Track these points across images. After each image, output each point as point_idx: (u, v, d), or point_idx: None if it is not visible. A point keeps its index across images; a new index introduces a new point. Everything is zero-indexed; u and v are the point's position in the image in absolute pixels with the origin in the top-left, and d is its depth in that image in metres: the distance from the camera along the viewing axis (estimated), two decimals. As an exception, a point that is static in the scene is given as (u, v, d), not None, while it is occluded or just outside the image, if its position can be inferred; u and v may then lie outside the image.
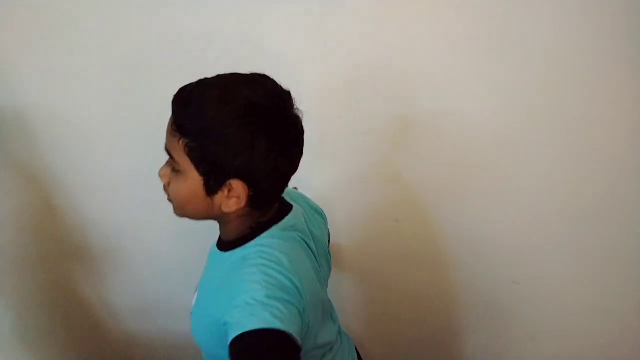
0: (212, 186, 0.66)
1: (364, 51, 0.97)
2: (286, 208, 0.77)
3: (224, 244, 0.74)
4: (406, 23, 0.95)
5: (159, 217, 1.11)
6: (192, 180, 0.66)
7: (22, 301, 1.16)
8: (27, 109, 1.01)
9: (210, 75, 0.67)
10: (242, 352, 0.60)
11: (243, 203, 0.67)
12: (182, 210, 0.71)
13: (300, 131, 0.69)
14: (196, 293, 0.77)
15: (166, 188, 0.71)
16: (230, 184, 0.65)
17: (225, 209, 0.68)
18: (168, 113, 1.11)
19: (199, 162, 0.64)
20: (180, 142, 0.64)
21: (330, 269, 0.87)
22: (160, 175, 0.70)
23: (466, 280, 1.17)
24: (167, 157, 1.01)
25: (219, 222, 0.75)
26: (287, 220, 0.74)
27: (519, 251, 1.14)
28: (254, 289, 0.63)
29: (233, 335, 0.60)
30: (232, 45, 0.97)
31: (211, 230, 1.09)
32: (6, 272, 1.13)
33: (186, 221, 1.12)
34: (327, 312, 0.84)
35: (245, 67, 0.73)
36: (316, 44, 0.96)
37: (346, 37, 0.96)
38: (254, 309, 0.61)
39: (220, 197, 0.67)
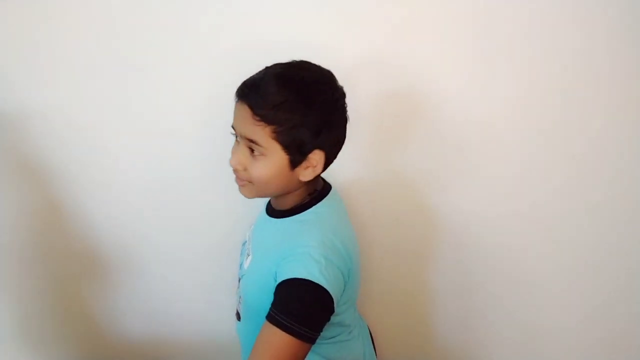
0: (297, 161, 0.73)
1: (363, 44, 0.98)
2: (326, 182, 0.85)
3: (279, 212, 0.80)
4: (409, 21, 0.96)
5: (163, 218, 1.11)
6: (278, 160, 0.72)
7: (24, 302, 1.16)
8: (30, 108, 1.01)
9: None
10: (285, 292, 0.69)
11: (319, 170, 0.75)
12: (263, 188, 0.76)
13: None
14: (249, 257, 0.84)
15: (241, 173, 0.75)
16: (311, 156, 0.73)
17: (303, 178, 0.75)
18: (172, 113, 1.10)
19: (288, 144, 0.70)
20: (267, 129, 0.69)
21: None
22: (234, 164, 0.74)
23: (463, 278, 1.18)
24: (168, 159, 1.04)
25: (279, 194, 0.80)
26: (334, 191, 0.83)
27: (519, 250, 1.15)
28: (312, 246, 0.71)
29: (283, 277, 0.69)
30: (239, 38, 0.97)
31: (216, 230, 1.10)
32: (8, 273, 1.13)
33: (191, 221, 1.13)
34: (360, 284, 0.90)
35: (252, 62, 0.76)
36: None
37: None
38: (307, 262, 0.69)
39: (300, 168, 0.74)
